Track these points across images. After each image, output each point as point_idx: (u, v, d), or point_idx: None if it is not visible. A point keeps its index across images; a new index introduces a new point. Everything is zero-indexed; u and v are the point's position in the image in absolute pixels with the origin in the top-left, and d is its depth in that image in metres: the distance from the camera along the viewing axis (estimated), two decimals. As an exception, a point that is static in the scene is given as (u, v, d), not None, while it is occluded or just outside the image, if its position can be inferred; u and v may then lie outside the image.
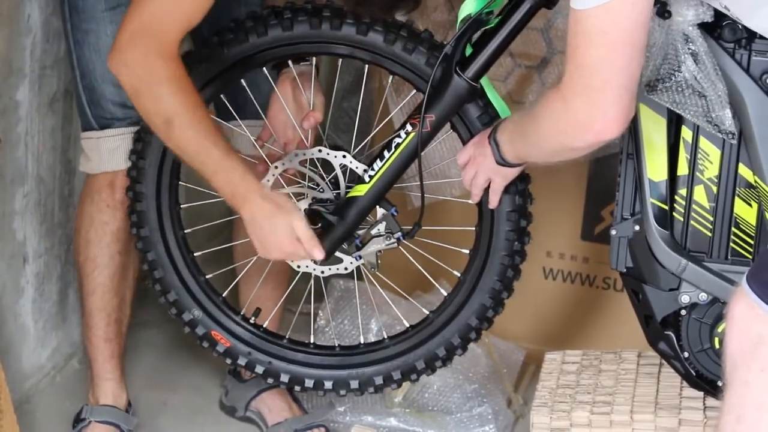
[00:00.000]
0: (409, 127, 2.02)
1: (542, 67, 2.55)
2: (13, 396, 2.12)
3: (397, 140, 2.02)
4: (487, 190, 2.09)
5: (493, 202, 2.05)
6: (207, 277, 2.22)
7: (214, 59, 2.12)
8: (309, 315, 2.28)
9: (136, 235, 2.20)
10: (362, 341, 2.26)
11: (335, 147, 2.11)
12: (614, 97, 1.70)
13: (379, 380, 2.21)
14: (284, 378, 2.20)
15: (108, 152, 2.20)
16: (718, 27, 1.84)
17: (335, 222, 2.06)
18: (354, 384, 2.21)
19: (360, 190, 2.04)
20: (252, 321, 2.20)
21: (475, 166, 2.02)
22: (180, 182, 2.24)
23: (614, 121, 1.71)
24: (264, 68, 2.19)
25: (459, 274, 2.19)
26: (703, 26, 1.84)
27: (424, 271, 2.30)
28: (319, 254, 2.04)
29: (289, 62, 2.23)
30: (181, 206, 2.24)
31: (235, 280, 2.38)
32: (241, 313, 2.20)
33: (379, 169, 2.02)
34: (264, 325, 2.21)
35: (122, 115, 2.20)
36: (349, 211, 2.05)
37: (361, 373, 2.22)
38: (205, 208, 2.33)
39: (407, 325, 2.26)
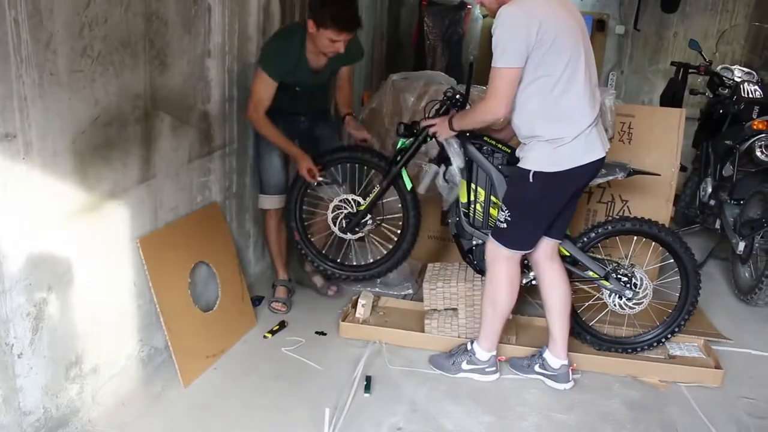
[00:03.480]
0: (377, 186, 3.40)
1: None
2: (247, 283, 3.61)
3: (374, 190, 3.43)
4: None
5: (440, 137, 3.05)
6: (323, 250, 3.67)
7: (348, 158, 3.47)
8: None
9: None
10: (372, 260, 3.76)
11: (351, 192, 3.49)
12: (500, 99, 2.67)
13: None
14: (356, 279, 3.72)
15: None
16: (478, 143, 3.11)
17: (356, 217, 3.52)
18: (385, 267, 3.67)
19: (363, 207, 3.49)
20: (339, 262, 3.78)
21: (436, 126, 3.03)
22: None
23: (500, 109, 2.70)
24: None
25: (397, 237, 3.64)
26: (470, 141, 3.08)
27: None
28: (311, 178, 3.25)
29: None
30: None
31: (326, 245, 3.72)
32: (338, 260, 3.78)
33: (367, 200, 3.49)
34: (346, 262, 3.73)
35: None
36: (361, 214, 3.53)
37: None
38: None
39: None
